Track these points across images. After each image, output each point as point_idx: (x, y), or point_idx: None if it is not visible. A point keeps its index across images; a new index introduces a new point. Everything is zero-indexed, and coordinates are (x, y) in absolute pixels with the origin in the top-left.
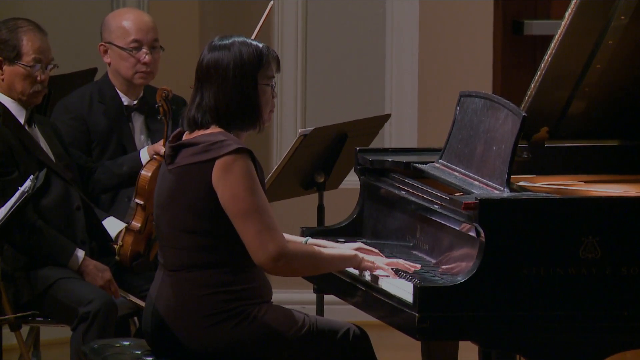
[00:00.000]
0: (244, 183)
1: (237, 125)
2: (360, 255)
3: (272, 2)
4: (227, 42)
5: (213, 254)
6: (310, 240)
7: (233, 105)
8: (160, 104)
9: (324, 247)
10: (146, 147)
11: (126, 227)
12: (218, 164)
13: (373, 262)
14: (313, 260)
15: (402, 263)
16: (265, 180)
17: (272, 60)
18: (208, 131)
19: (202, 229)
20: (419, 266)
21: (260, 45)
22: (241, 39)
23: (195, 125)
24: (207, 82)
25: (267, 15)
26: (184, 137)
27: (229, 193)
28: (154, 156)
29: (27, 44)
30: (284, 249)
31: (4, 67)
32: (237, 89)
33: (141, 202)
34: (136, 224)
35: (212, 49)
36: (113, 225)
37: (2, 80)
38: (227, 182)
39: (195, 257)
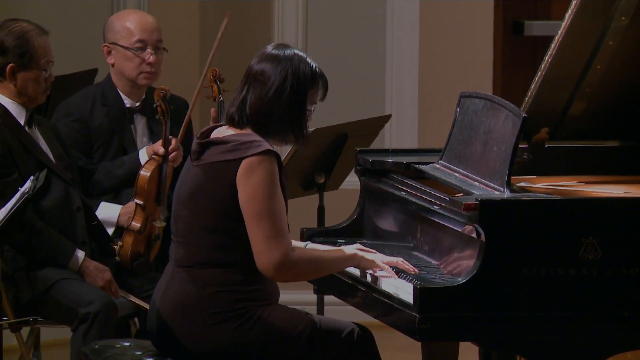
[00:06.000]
0: (264, 185)
1: (274, 135)
2: (360, 254)
3: (226, 19)
4: (288, 52)
5: (228, 254)
6: (310, 245)
7: (277, 115)
8: (158, 104)
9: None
10: (145, 148)
11: (126, 228)
12: (244, 163)
13: (372, 261)
14: (315, 265)
15: (400, 263)
16: None
17: (322, 86)
18: (240, 131)
19: (221, 228)
20: (416, 270)
21: (317, 68)
22: (301, 54)
23: (231, 123)
24: (256, 84)
25: (223, 30)
26: (213, 135)
27: (248, 193)
28: (153, 156)
29: (39, 48)
30: (288, 257)
31: (18, 74)
32: (287, 101)
33: (140, 202)
34: (136, 224)
35: (271, 55)
36: (108, 209)
37: (15, 86)
38: (248, 182)
39: (209, 255)
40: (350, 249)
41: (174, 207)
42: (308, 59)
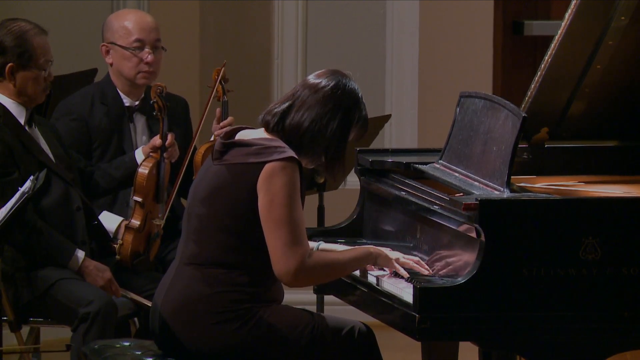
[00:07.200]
0: (285, 191)
1: (305, 155)
2: (376, 251)
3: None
4: (349, 87)
5: (238, 255)
6: (322, 245)
7: (317, 143)
8: (155, 100)
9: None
10: (140, 147)
11: (126, 226)
12: (267, 167)
13: (389, 259)
14: (331, 269)
15: (416, 265)
16: None
17: (362, 130)
18: (268, 136)
19: (235, 229)
20: (430, 272)
21: (365, 112)
22: (357, 91)
23: (264, 125)
24: (303, 106)
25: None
26: (238, 137)
27: (268, 198)
28: (150, 154)
29: (38, 47)
30: (305, 264)
31: (17, 74)
32: (330, 136)
33: (139, 200)
34: (135, 222)
35: (325, 86)
36: (109, 220)
37: (14, 86)
38: (270, 187)
39: (220, 255)
40: (366, 248)
41: (189, 203)
42: (362, 101)
